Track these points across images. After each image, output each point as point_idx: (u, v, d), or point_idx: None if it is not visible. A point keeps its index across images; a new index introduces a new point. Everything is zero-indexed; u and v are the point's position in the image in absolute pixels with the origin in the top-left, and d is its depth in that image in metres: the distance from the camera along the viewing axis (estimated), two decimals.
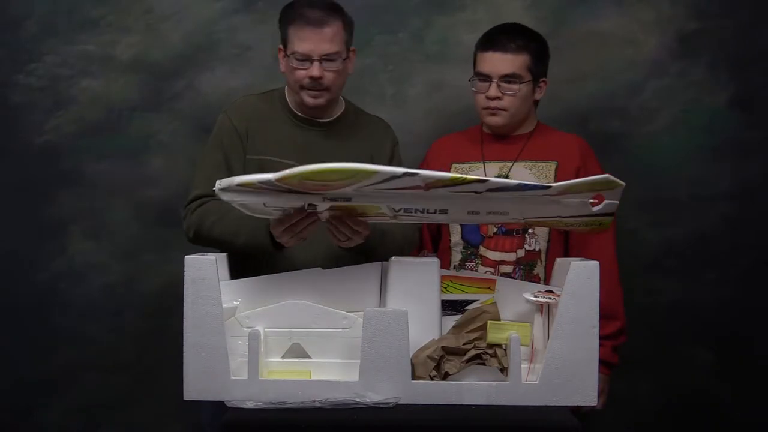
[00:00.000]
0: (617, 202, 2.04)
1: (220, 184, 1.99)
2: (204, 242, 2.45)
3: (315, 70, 2.46)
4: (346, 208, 2.07)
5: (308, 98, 2.50)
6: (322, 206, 2.06)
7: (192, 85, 3.32)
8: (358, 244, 2.23)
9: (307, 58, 2.46)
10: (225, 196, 2.00)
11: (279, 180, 1.91)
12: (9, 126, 3.31)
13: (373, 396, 2.00)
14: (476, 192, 1.97)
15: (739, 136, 3.29)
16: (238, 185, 1.96)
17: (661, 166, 3.31)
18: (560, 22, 3.30)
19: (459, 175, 1.95)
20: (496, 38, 2.64)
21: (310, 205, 2.05)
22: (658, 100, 3.31)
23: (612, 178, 1.99)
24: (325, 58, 2.46)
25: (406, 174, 1.89)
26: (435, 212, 2.05)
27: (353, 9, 2.84)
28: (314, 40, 2.45)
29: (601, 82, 3.31)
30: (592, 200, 2.03)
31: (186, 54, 3.33)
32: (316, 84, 2.48)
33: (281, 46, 2.53)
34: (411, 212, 2.05)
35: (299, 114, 2.57)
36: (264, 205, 2.05)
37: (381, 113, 2.75)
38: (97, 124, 3.32)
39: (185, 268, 2.05)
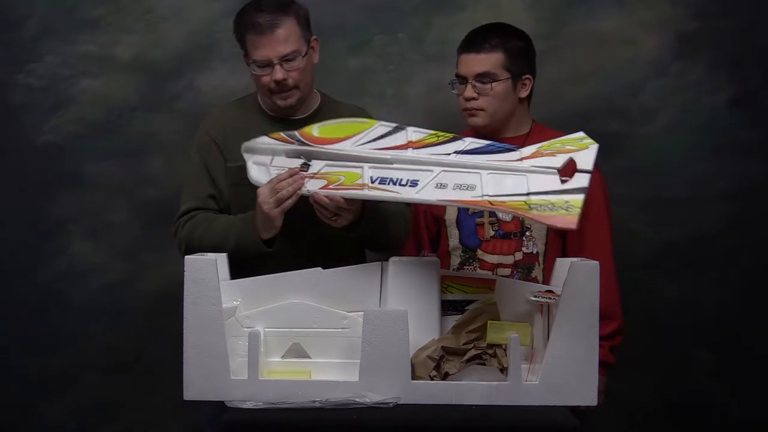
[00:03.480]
0: (588, 175, 2.08)
1: (246, 144, 2.33)
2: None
3: (277, 73, 2.45)
4: (330, 176, 2.24)
5: (279, 101, 2.51)
6: (315, 167, 2.26)
7: (192, 85, 3.32)
8: (348, 222, 2.32)
9: (267, 64, 2.46)
10: (248, 142, 2.33)
11: (300, 131, 2.29)
12: (9, 126, 3.31)
13: (373, 396, 2.00)
14: (456, 152, 2.18)
15: (739, 136, 3.29)
16: (269, 136, 2.31)
17: (661, 166, 3.31)
18: (560, 22, 3.31)
19: (441, 132, 2.23)
20: (471, 40, 2.66)
21: (304, 164, 2.26)
22: (658, 100, 3.31)
23: (584, 134, 2.13)
24: (285, 59, 2.45)
25: (399, 126, 2.25)
26: (406, 184, 2.18)
27: (353, 9, 2.86)
28: (269, 45, 2.44)
29: (601, 82, 3.31)
30: (563, 177, 2.09)
31: (186, 54, 3.33)
32: (282, 86, 2.48)
33: (244, 54, 2.53)
34: (385, 183, 2.19)
35: (274, 115, 2.58)
36: (271, 161, 2.30)
37: (381, 113, 2.75)
38: (97, 124, 3.32)
39: (185, 268, 2.05)
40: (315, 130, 2.27)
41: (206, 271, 2.05)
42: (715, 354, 3.33)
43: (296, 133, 2.28)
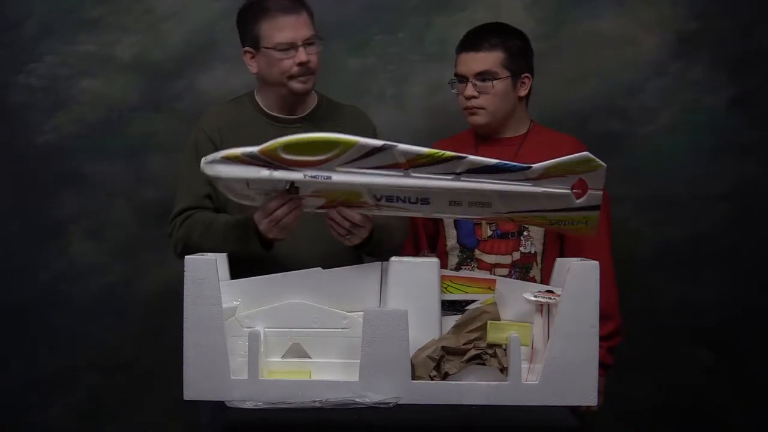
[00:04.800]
0: (601, 192, 2.09)
1: (206, 159, 2.08)
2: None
3: (302, 55, 2.46)
4: (329, 194, 2.11)
5: (298, 85, 2.50)
6: (305, 189, 2.10)
7: (192, 85, 3.32)
8: (361, 239, 2.28)
9: (291, 47, 2.46)
10: (209, 170, 2.07)
11: (261, 151, 2.03)
12: (9, 126, 3.31)
13: (373, 396, 2.00)
14: (455, 173, 2.05)
15: (739, 136, 3.29)
16: (223, 158, 2.06)
17: (661, 166, 3.31)
18: (560, 22, 3.31)
19: (436, 150, 2.06)
20: (470, 39, 2.67)
21: (292, 186, 2.10)
22: (658, 100, 3.31)
23: (591, 155, 2.06)
24: (307, 42, 2.48)
25: (385, 146, 2.03)
26: (417, 202, 2.10)
27: (353, 9, 2.86)
28: (295, 27, 2.46)
29: (601, 82, 3.31)
30: (575, 191, 2.08)
31: (186, 54, 3.33)
32: (304, 69, 2.48)
33: (249, 49, 2.53)
34: (393, 201, 2.11)
35: (273, 113, 2.58)
36: (248, 185, 2.10)
37: (381, 113, 2.76)
38: (97, 124, 3.32)
39: (185, 268, 2.05)
40: (279, 150, 2.03)
41: (206, 271, 2.05)
42: (715, 354, 3.33)
43: (257, 153, 2.04)
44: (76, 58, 3.31)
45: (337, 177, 2.07)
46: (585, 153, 2.08)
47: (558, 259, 2.23)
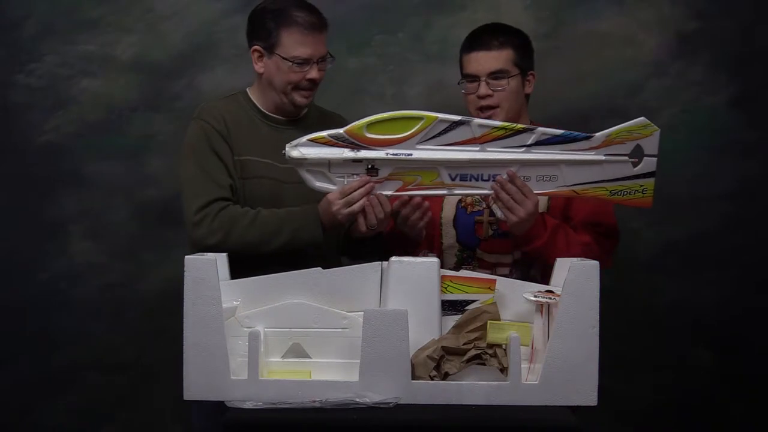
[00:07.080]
0: (655, 157, 2.29)
1: (290, 143, 2.27)
2: (229, 248, 2.33)
3: (314, 73, 2.50)
4: (406, 175, 2.27)
5: (300, 98, 2.53)
6: (385, 171, 2.27)
7: (192, 85, 3.33)
8: (382, 229, 2.39)
9: (305, 62, 2.49)
10: (295, 153, 2.26)
11: (347, 131, 2.24)
12: (9, 126, 3.32)
13: (373, 396, 2.00)
14: (526, 146, 2.26)
15: (739, 136, 3.30)
16: (308, 140, 2.26)
17: (661, 166, 3.30)
18: (560, 22, 3.31)
19: (508, 123, 2.31)
20: (478, 38, 2.65)
21: (372, 167, 2.26)
22: (658, 100, 3.31)
23: (647, 120, 2.28)
24: (321, 60, 2.51)
25: (462, 120, 2.26)
26: (488, 179, 2.29)
27: (353, 9, 2.86)
28: (315, 45, 2.49)
29: (601, 82, 3.31)
30: (632, 159, 2.29)
31: (186, 54, 3.33)
32: (311, 84, 2.52)
33: (260, 48, 2.53)
34: (466, 180, 2.28)
35: (269, 114, 2.59)
36: (329, 168, 2.27)
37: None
38: (97, 124, 3.33)
39: (185, 269, 2.05)
40: (364, 129, 2.25)
41: (206, 271, 2.05)
42: (715, 354, 3.33)
43: (343, 133, 2.26)
44: (76, 58, 3.31)
45: (418, 154, 2.25)
46: (642, 118, 2.29)
47: (558, 259, 2.23)
